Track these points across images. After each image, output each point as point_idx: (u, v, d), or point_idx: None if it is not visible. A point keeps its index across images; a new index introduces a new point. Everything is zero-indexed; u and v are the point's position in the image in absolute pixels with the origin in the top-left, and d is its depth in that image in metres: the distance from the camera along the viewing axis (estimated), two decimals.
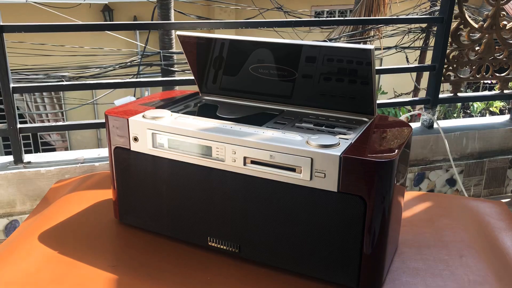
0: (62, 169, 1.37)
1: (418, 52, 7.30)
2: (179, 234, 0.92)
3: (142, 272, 0.85)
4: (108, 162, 0.96)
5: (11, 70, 1.34)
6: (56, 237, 0.95)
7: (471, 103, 7.33)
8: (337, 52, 0.88)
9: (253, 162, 0.80)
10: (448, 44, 1.65)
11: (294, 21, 1.46)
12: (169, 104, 1.01)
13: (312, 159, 0.75)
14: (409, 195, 1.13)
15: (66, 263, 0.86)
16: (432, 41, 7.14)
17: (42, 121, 7.72)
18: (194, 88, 1.11)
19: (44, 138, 7.59)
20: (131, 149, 0.91)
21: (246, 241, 0.85)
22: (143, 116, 0.90)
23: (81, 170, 1.39)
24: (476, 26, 1.63)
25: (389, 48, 6.83)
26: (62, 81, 7.04)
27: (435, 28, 6.93)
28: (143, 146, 0.89)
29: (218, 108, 1.01)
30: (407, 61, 7.31)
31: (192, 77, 1.05)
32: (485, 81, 7.91)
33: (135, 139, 0.90)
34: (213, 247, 0.88)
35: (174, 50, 6.27)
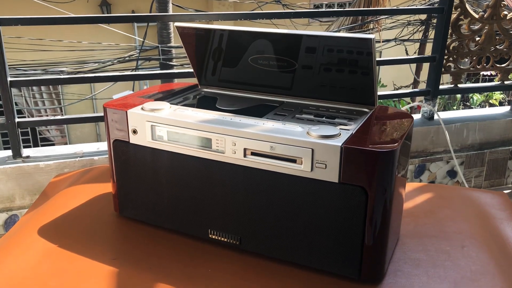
0: (61, 163, 1.37)
1: (417, 45, 7.27)
2: (179, 227, 0.92)
3: (143, 265, 0.84)
4: (107, 155, 0.95)
5: (8, 65, 1.33)
6: (55, 231, 0.94)
7: (470, 95, 7.32)
8: (337, 42, 0.87)
9: (253, 153, 0.80)
10: (448, 35, 1.64)
11: (293, 13, 1.45)
12: (168, 96, 1.00)
13: (312, 150, 0.74)
14: (410, 186, 1.12)
15: (66, 257, 0.86)
16: (431, 34, 7.13)
17: (39, 111, 7.70)
18: (193, 81, 1.10)
19: (43, 134, 7.58)
20: (130, 141, 0.90)
21: (247, 233, 0.85)
22: (142, 108, 0.89)
23: (80, 164, 1.38)
24: (477, 16, 1.62)
25: (388, 40, 6.81)
26: (61, 76, 7.03)
27: (434, 21, 6.92)
28: (142, 138, 0.89)
29: (217, 100, 1.00)
30: (407, 53, 7.28)
31: (191, 70, 1.04)
32: (484, 74, 7.89)
33: (134, 131, 0.89)
34: (214, 240, 0.88)
35: (172, 44, 6.25)
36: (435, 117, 1.76)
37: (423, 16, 7.07)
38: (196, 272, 0.83)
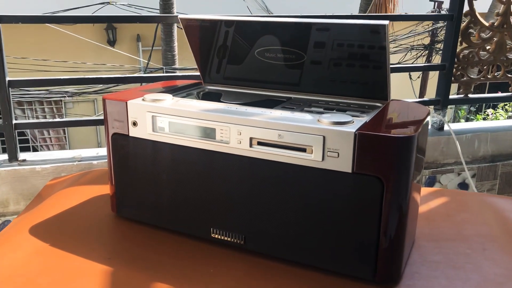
0: (58, 167, 1.31)
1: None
2: (180, 227, 0.86)
3: (140, 265, 0.78)
4: (107, 160, 0.90)
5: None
6: (48, 230, 0.89)
7: (475, 120, 7.29)
8: (348, 30, 0.83)
9: (260, 143, 0.74)
10: (458, 43, 1.60)
11: (299, 17, 1.42)
12: (171, 91, 0.96)
13: (324, 137, 0.69)
14: (423, 191, 1.07)
15: (57, 255, 0.80)
16: (435, 58, 7.15)
17: (44, 140, 7.70)
18: None
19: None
20: (130, 134, 0.85)
21: (252, 231, 0.79)
22: (143, 99, 0.85)
23: (78, 168, 1.33)
24: (487, 24, 1.59)
25: (391, 65, 6.81)
26: (65, 96, 7.05)
27: (438, 46, 6.93)
28: (142, 131, 0.84)
29: (222, 95, 0.96)
30: (410, 78, 7.30)
31: (196, 73, 1.00)
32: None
33: (134, 123, 0.84)
34: (216, 239, 0.82)
35: (177, 66, 6.28)
36: (445, 127, 1.71)
37: (426, 41, 7.11)
38: (196, 273, 0.76)
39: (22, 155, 1.36)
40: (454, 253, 0.82)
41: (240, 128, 0.75)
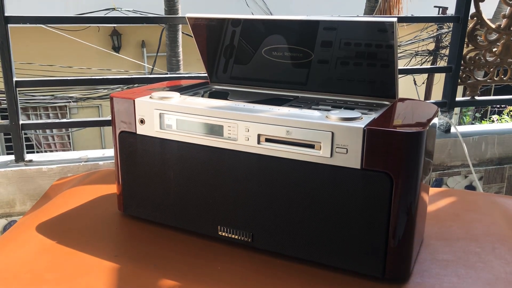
0: (64, 167, 1.31)
1: (425, 75, 7.28)
2: (187, 224, 0.86)
3: (147, 262, 0.78)
4: (113, 161, 0.90)
5: (18, 91, 1.30)
6: (55, 227, 0.88)
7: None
8: (356, 28, 0.83)
9: (268, 140, 0.74)
10: (464, 45, 1.60)
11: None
12: (178, 90, 0.96)
13: (332, 133, 0.69)
14: (431, 191, 1.06)
15: (64, 253, 0.80)
16: (439, 63, 7.14)
17: (49, 145, 7.73)
18: None
19: None
20: (137, 132, 0.85)
21: (260, 229, 0.78)
22: (150, 97, 0.85)
23: (84, 169, 1.33)
24: (493, 26, 1.59)
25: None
26: (69, 102, 7.08)
27: (442, 51, 6.92)
28: (150, 128, 0.84)
29: (229, 94, 0.96)
30: (415, 83, 7.30)
31: (203, 74, 1.00)
32: (493, 106, 7.84)
33: (142, 121, 0.84)
34: (224, 237, 0.81)
35: (181, 71, 6.30)
36: (452, 129, 1.70)
37: (430, 47, 7.12)
38: (203, 270, 0.76)
39: (28, 156, 1.37)
40: (464, 252, 0.82)
41: (248, 125, 0.75)
